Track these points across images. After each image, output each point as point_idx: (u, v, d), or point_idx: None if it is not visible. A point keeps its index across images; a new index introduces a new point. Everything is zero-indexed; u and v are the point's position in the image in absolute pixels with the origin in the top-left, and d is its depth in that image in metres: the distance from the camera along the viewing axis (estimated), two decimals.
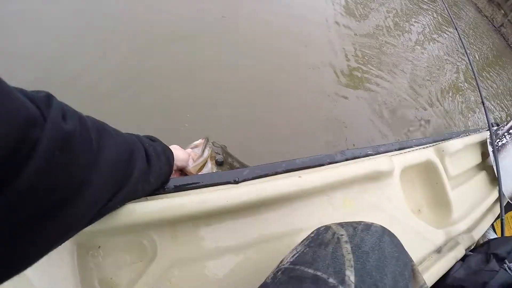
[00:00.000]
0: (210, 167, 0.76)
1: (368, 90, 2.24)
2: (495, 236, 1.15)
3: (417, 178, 0.98)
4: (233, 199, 0.58)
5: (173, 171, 0.64)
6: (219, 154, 0.81)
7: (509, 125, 1.29)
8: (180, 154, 0.69)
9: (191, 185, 0.59)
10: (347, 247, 0.42)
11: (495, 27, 5.92)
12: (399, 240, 0.47)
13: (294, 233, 0.66)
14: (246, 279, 0.58)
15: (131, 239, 0.52)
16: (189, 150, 0.78)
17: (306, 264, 0.41)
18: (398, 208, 0.80)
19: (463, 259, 0.87)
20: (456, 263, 0.85)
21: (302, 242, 0.49)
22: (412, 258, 0.52)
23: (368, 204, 0.76)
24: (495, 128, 1.33)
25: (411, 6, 3.83)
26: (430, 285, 0.77)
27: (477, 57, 4.21)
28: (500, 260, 0.83)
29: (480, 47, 4.57)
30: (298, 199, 0.68)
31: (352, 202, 0.74)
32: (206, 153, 0.77)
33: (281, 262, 0.47)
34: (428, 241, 0.82)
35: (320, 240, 0.46)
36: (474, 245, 0.99)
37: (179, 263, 0.53)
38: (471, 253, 0.91)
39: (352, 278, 0.37)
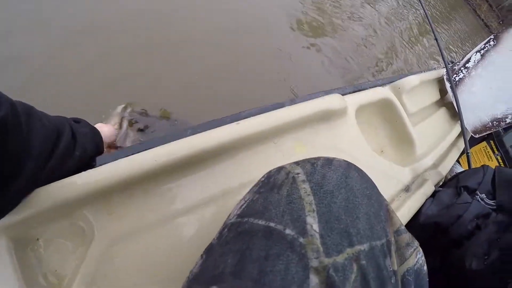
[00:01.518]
0: (132, 136, 0.75)
1: (325, 39, 2.17)
2: (463, 170, 1.12)
3: (375, 117, 0.90)
4: (162, 158, 0.49)
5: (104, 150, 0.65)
6: (138, 122, 0.80)
7: (465, 59, 1.26)
8: (105, 131, 0.69)
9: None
10: (305, 187, 0.33)
11: None
12: (368, 176, 0.38)
13: (242, 187, 0.57)
14: (193, 245, 0.51)
15: (68, 223, 0.47)
16: (113, 123, 0.79)
17: (256, 214, 0.33)
18: (359, 148, 0.73)
19: (433, 195, 0.82)
20: (426, 200, 0.79)
21: (251, 189, 0.40)
22: None
23: (324, 146, 0.67)
24: (450, 64, 1.29)
25: None
26: (404, 224, 0.71)
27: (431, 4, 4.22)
28: (472, 192, 0.78)
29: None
30: (242, 149, 0.59)
31: (304, 146, 0.65)
32: (125, 125, 0.77)
33: (228, 217, 0.39)
34: (395, 180, 0.76)
35: (272, 184, 0.36)
36: (443, 180, 0.95)
37: (120, 240, 0.48)
38: (440, 188, 0.86)
39: (316, 226, 0.29)
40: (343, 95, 0.82)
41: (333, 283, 0.26)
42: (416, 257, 0.38)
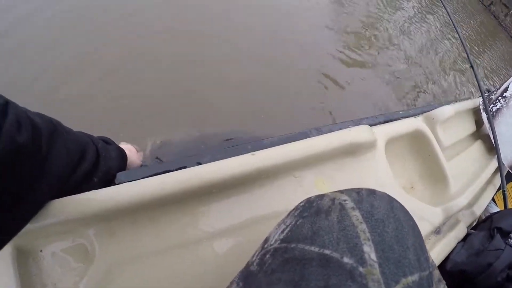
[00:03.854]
0: None
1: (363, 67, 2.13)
2: (498, 209, 1.05)
3: (406, 150, 0.86)
4: (168, 186, 0.48)
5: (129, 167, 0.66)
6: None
7: (502, 88, 1.19)
8: (134, 159, 0.71)
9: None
10: (356, 215, 0.31)
11: (484, 5, 5.81)
12: (407, 210, 0.36)
13: (255, 223, 0.55)
14: (196, 277, 0.50)
15: (71, 239, 0.47)
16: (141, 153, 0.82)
17: (305, 240, 0.31)
18: (386, 185, 0.68)
19: (464, 238, 0.77)
20: (457, 244, 0.74)
21: (289, 214, 0.37)
22: None
23: (348, 182, 0.64)
24: (487, 93, 1.22)
25: None
26: None
27: (467, 33, 4.09)
28: (505, 235, 0.73)
29: (470, 24, 4.43)
30: (257, 182, 0.56)
31: (326, 182, 0.62)
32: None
33: (265, 241, 0.36)
34: (425, 221, 0.70)
35: (316, 209, 0.34)
36: (476, 221, 0.89)
37: (120, 264, 0.47)
38: (473, 231, 0.80)
39: (373, 255, 0.28)
40: (372, 125, 0.79)
41: None
42: None
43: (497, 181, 1.04)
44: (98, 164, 0.50)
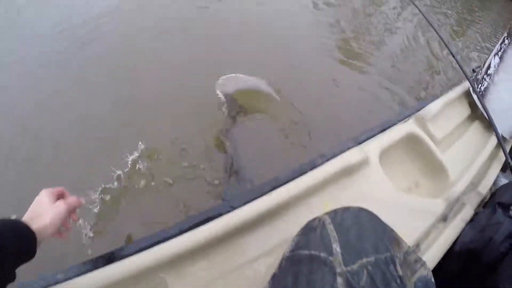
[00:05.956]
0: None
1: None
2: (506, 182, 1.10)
3: (403, 155, 0.96)
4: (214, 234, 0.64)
5: (52, 234, 0.51)
6: None
7: (485, 65, 1.25)
8: (46, 221, 0.50)
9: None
10: (331, 227, 0.52)
11: None
12: (375, 215, 0.56)
13: (281, 244, 0.68)
14: None
15: None
16: (60, 204, 0.54)
17: (302, 248, 0.52)
18: (385, 192, 0.80)
19: (472, 219, 0.83)
20: (466, 225, 0.81)
21: (296, 234, 0.58)
22: (415, 233, 0.67)
23: (350, 199, 0.77)
24: (474, 74, 1.27)
25: None
26: (442, 255, 0.75)
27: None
28: (506, 208, 0.78)
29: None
30: (274, 217, 0.71)
31: (330, 203, 0.75)
32: None
33: (283, 254, 0.56)
34: (427, 213, 0.80)
35: (309, 227, 0.56)
36: (487, 198, 0.94)
37: None
38: (482, 209, 0.86)
39: (338, 249, 0.48)
40: (371, 137, 0.91)
41: (351, 283, 0.43)
42: (425, 270, 0.53)
43: (502, 156, 1.08)
44: None
